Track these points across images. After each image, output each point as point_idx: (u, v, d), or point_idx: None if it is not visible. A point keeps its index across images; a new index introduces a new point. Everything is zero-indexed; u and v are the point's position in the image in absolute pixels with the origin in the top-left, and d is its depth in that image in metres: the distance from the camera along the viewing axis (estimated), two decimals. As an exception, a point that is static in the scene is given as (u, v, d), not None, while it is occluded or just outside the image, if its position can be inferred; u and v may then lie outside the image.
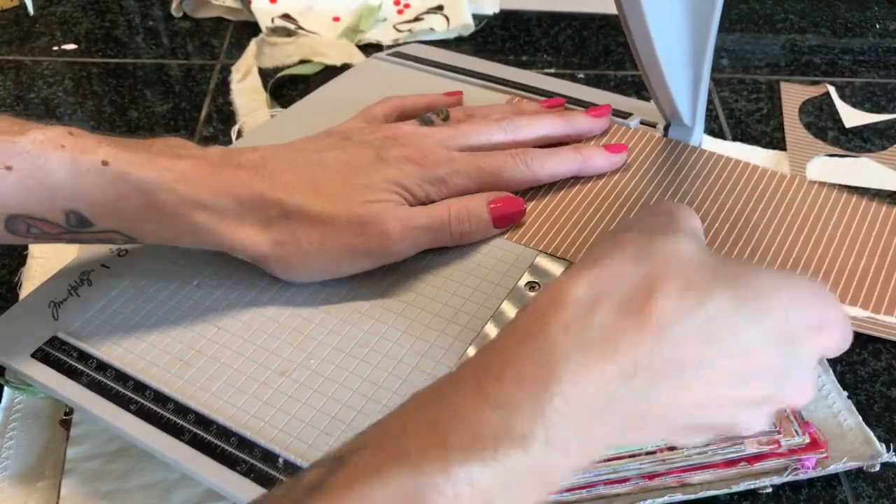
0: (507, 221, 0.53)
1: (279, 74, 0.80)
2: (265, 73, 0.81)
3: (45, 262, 0.62)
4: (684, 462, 0.49)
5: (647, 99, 0.78)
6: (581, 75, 0.83)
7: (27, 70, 0.81)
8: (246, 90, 0.79)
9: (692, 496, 0.51)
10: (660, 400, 0.33)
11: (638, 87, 0.81)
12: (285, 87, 0.80)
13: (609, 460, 0.48)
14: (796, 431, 0.49)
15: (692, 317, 0.33)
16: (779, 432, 0.48)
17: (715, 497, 0.51)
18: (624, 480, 0.50)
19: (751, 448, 0.49)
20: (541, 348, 0.32)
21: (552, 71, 0.83)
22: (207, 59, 0.84)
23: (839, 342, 0.38)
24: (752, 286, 0.35)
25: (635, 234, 0.36)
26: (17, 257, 0.62)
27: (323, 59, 0.83)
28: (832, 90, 0.82)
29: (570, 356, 0.31)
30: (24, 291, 0.60)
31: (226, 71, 0.82)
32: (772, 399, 0.36)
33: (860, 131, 0.78)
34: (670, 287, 0.33)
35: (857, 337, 0.60)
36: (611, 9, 0.93)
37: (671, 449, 0.48)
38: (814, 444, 0.50)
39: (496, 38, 0.88)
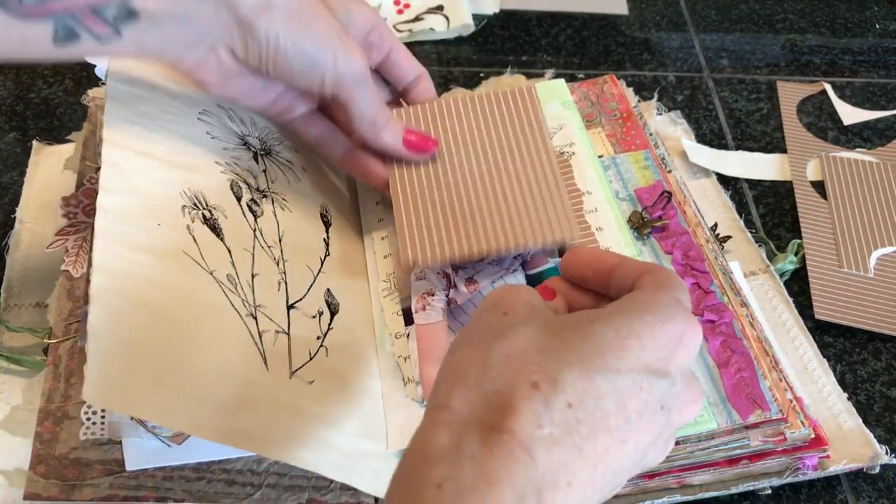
0: (416, 147, 0.56)
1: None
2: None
3: (34, 227, 0.63)
4: (686, 460, 0.49)
5: (647, 98, 0.78)
6: (581, 75, 0.83)
7: (27, 70, 0.81)
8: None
9: (692, 497, 0.51)
10: (555, 502, 0.32)
11: (638, 88, 0.81)
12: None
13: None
14: (802, 423, 0.49)
15: (550, 414, 0.32)
16: (785, 420, 0.48)
17: (715, 498, 0.51)
18: (624, 481, 0.50)
19: (755, 441, 0.48)
20: None
21: (552, 71, 0.83)
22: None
23: (700, 332, 0.37)
24: (594, 345, 0.34)
25: (471, 352, 0.35)
26: (6, 222, 0.64)
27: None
28: (829, 88, 0.82)
29: None
30: (12, 256, 0.62)
31: (226, 71, 0.82)
32: (666, 425, 0.36)
33: (860, 130, 0.78)
34: (518, 397, 0.32)
35: (858, 336, 0.61)
36: (610, 9, 0.93)
37: (675, 444, 0.47)
38: (817, 441, 0.50)
39: (496, 38, 0.88)
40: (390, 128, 0.55)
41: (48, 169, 0.69)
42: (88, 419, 0.47)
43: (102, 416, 0.47)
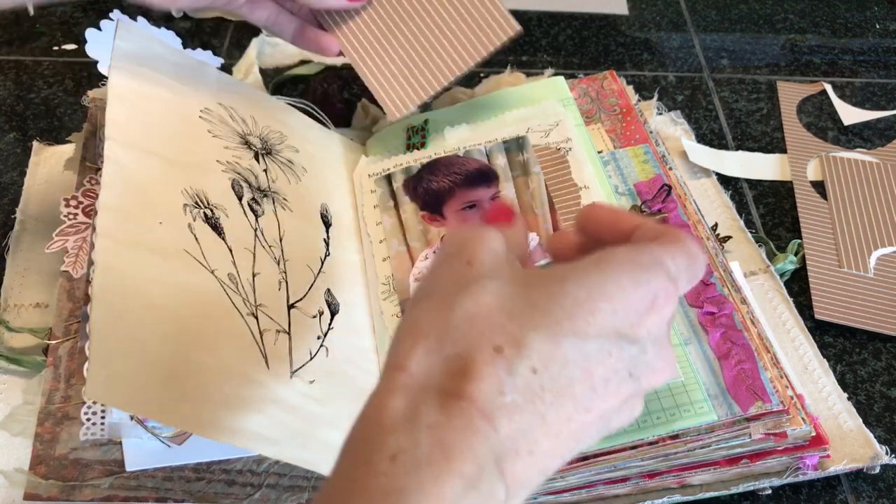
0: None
1: (282, 76, 0.80)
2: (265, 73, 0.81)
3: (34, 227, 0.64)
4: (686, 459, 0.49)
5: (647, 98, 0.78)
6: (581, 75, 0.83)
7: (27, 70, 0.81)
8: (246, 90, 0.79)
9: (692, 497, 0.51)
10: (517, 474, 0.30)
11: (638, 88, 0.81)
12: (285, 87, 0.80)
13: (609, 454, 0.48)
14: (803, 420, 0.48)
15: (513, 380, 0.31)
16: (786, 412, 0.48)
17: (715, 498, 0.51)
18: (624, 480, 0.50)
19: (756, 433, 0.48)
20: (372, 490, 0.29)
21: (552, 70, 0.83)
22: (209, 58, 0.84)
23: (675, 297, 0.35)
24: (564, 307, 0.32)
25: (432, 308, 0.33)
26: (6, 222, 0.64)
27: (323, 59, 0.82)
28: (829, 88, 0.82)
29: (406, 488, 0.28)
30: (12, 256, 0.62)
31: (226, 71, 0.82)
32: (635, 392, 0.34)
33: (860, 130, 0.78)
34: (480, 362, 0.31)
35: (858, 336, 0.61)
36: (610, 9, 0.93)
37: (673, 438, 0.48)
38: (817, 440, 0.50)
39: (496, 37, 0.88)
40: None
41: (48, 169, 0.69)
42: (88, 419, 0.47)
43: (102, 417, 0.47)
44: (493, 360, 0.31)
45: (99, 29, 0.57)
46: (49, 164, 0.69)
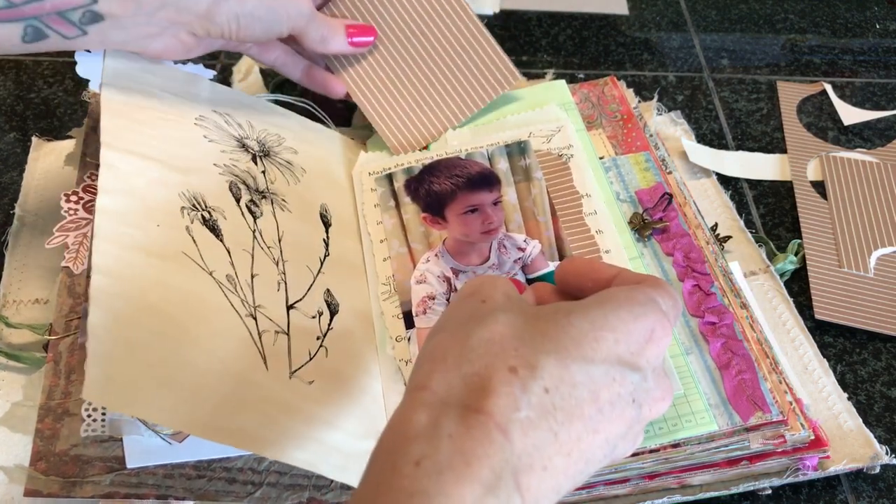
0: (360, 43, 0.63)
1: (282, 76, 0.80)
2: (265, 73, 0.81)
3: (33, 223, 0.64)
4: (686, 461, 0.49)
5: (648, 99, 0.78)
6: (581, 75, 0.83)
7: (27, 70, 0.81)
8: (247, 90, 0.79)
9: (692, 497, 0.51)
10: (532, 489, 0.32)
11: (638, 88, 0.81)
12: (285, 87, 0.80)
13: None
14: (802, 425, 0.49)
15: (528, 398, 0.33)
16: (785, 423, 0.48)
17: (715, 498, 0.51)
18: (624, 481, 0.49)
19: (755, 444, 0.48)
20: (397, 491, 0.31)
21: (552, 71, 0.83)
22: (207, 58, 0.84)
23: (670, 330, 0.38)
24: (571, 336, 0.35)
25: (450, 337, 0.36)
26: (6, 221, 0.64)
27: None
28: (829, 88, 0.82)
29: (429, 490, 0.30)
30: (12, 252, 0.62)
31: (226, 71, 0.82)
32: (637, 419, 0.36)
33: (860, 130, 0.78)
34: (497, 380, 0.33)
35: (858, 336, 0.61)
36: (610, 9, 0.93)
37: (675, 446, 0.48)
38: (817, 442, 0.50)
39: (496, 37, 0.87)
40: (335, 34, 0.61)
41: (48, 165, 0.69)
42: (89, 416, 0.47)
43: (103, 413, 0.47)
44: (508, 379, 0.33)
45: (88, 50, 0.57)
46: (48, 159, 0.69)
